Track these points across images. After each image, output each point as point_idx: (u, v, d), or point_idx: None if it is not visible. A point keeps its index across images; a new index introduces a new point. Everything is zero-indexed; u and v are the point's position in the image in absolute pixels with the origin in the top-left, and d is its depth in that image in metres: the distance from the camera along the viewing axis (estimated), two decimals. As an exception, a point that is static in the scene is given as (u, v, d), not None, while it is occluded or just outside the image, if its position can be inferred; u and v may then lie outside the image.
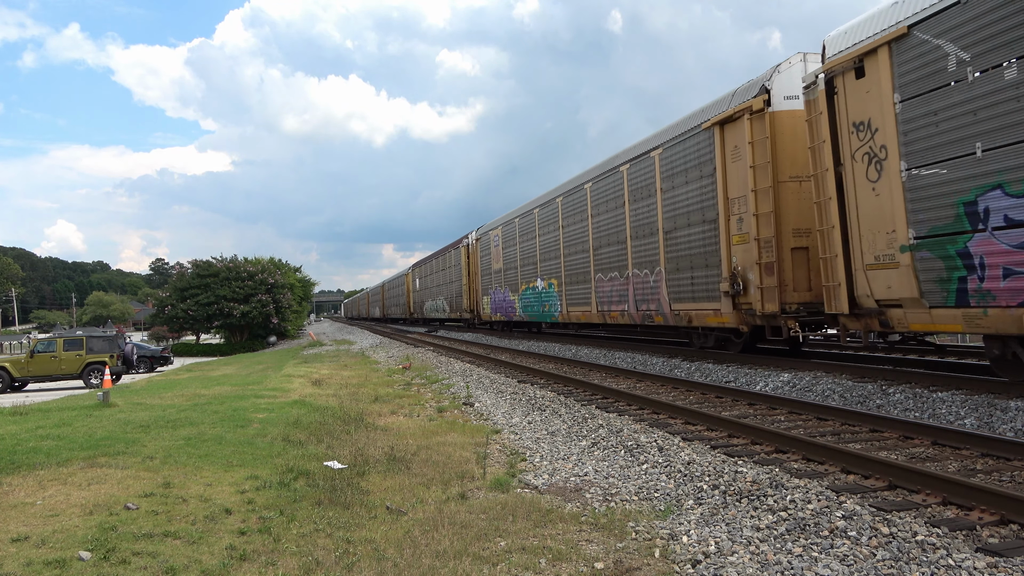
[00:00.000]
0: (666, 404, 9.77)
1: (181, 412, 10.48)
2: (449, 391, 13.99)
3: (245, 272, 53.73)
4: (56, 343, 25.55)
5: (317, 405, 11.81)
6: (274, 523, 5.54)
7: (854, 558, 4.32)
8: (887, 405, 9.11)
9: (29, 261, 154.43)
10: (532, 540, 5.09)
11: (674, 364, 14.94)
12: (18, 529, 5.18)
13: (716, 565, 4.43)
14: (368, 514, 6.00)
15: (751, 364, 13.63)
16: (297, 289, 61.73)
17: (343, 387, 15.36)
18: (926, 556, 4.26)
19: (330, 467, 7.45)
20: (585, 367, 16.00)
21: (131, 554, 4.74)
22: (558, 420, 9.69)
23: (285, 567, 4.74)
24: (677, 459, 6.94)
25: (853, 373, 11.20)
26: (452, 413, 11.27)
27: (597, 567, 4.56)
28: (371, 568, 4.74)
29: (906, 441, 7.36)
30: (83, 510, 5.63)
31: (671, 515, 5.47)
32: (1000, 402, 8.30)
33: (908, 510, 5.17)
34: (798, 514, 5.08)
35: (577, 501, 6.09)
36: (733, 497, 5.68)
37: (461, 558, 4.78)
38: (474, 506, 6.00)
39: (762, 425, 7.97)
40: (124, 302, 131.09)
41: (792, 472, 6.36)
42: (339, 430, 9.80)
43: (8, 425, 9.70)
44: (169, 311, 53.08)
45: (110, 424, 9.40)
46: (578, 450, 7.93)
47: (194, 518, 5.52)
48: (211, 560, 4.76)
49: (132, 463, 7.07)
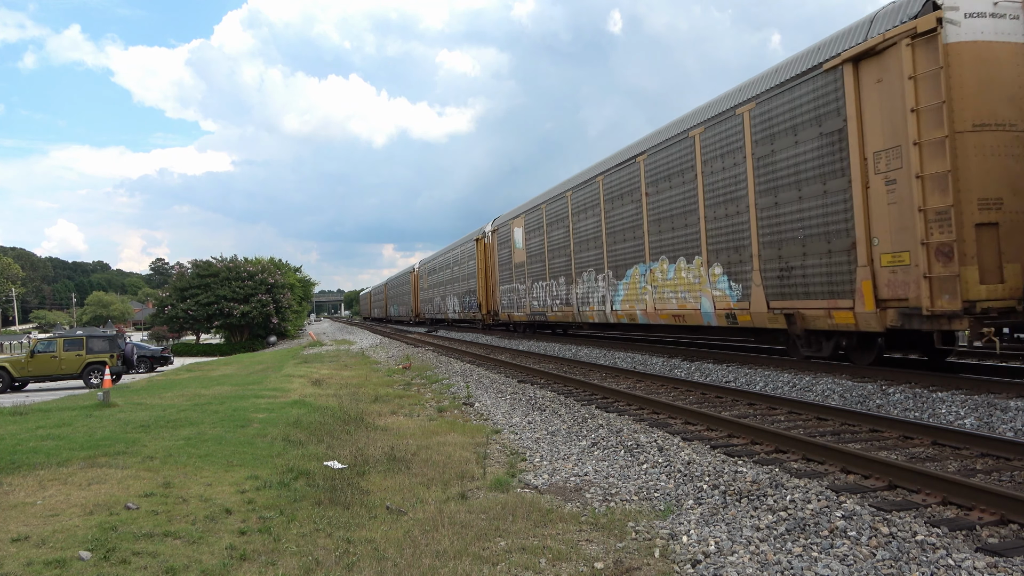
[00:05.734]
0: (666, 404, 9.77)
1: (181, 412, 10.48)
2: (449, 391, 13.99)
3: (245, 272, 53.78)
4: (56, 343, 25.54)
5: (317, 405, 11.80)
6: (274, 523, 5.54)
7: (854, 558, 4.32)
8: (887, 405, 9.11)
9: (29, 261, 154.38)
10: (532, 540, 5.10)
11: (674, 364, 14.94)
12: (18, 529, 5.19)
13: (716, 565, 4.43)
14: (368, 514, 6.00)
15: (751, 364, 13.63)
16: (297, 289, 61.78)
17: (343, 387, 15.36)
18: (926, 556, 4.26)
19: (330, 467, 7.46)
20: (585, 367, 16.00)
21: (131, 554, 4.74)
22: (558, 420, 9.69)
23: (285, 567, 4.74)
24: (677, 459, 6.94)
25: (853, 373, 11.19)
26: (452, 413, 11.27)
27: (597, 567, 4.57)
28: (371, 568, 4.74)
29: (906, 441, 7.36)
30: (83, 510, 5.63)
31: (671, 515, 5.47)
32: (1000, 402, 8.30)
33: (908, 510, 5.17)
34: (798, 514, 5.08)
35: (577, 501, 6.09)
36: (733, 497, 5.68)
37: (461, 558, 4.78)
38: (474, 506, 6.00)
39: (762, 425, 7.97)
40: (124, 302, 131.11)
41: (792, 472, 6.36)
42: (339, 430, 9.80)
43: (8, 425, 9.70)
44: (169, 311, 53.15)
45: (110, 424, 9.40)
46: (578, 450, 7.93)
47: (194, 518, 5.52)
48: (211, 560, 4.76)
49: (132, 463, 7.07)
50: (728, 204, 13.44)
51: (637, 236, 17.18)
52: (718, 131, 13.70)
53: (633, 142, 17.96)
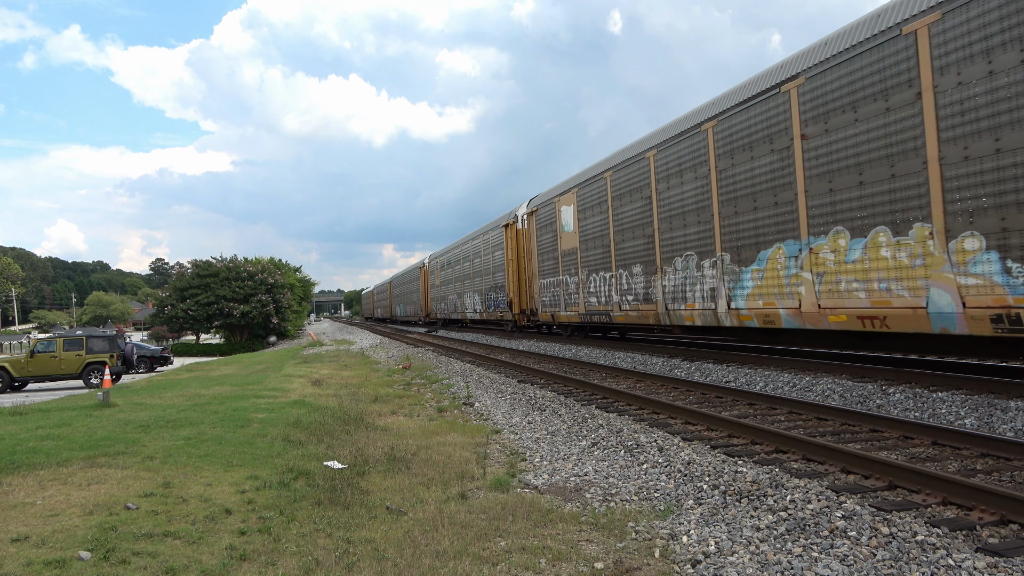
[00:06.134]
0: (666, 404, 9.77)
1: (181, 412, 10.48)
2: (449, 391, 13.99)
3: (245, 272, 53.82)
4: (56, 343, 25.55)
5: (317, 405, 11.80)
6: (274, 523, 5.54)
7: (854, 558, 4.32)
8: (887, 405, 9.11)
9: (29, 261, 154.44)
10: (532, 540, 5.09)
11: (674, 364, 14.94)
12: (18, 529, 5.18)
13: (716, 565, 4.43)
14: (368, 514, 6.00)
15: (751, 364, 13.62)
16: (297, 289, 61.80)
17: (343, 387, 15.36)
18: (926, 556, 4.26)
19: (330, 467, 7.45)
20: (585, 367, 16.00)
21: (131, 554, 4.74)
22: (558, 420, 9.69)
23: (285, 567, 4.74)
24: (677, 459, 6.94)
25: (853, 373, 11.19)
26: (452, 413, 11.27)
27: (597, 567, 4.56)
28: (371, 568, 4.74)
29: (906, 441, 7.36)
30: (83, 510, 5.63)
31: (671, 515, 5.47)
32: (1000, 402, 8.31)
33: (908, 510, 5.16)
34: (798, 514, 5.08)
35: (577, 501, 6.09)
36: (733, 497, 5.68)
37: (461, 558, 4.78)
38: (474, 506, 6.00)
39: (762, 425, 7.97)
40: (124, 302, 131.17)
41: (792, 472, 6.36)
42: (339, 430, 9.80)
43: (8, 425, 9.70)
44: (169, 311, 53.18)
45: (110, 424, 9.40)
46: (578, 450, 7.93)
47: (194, 518, 5.52)
48: (211, 560, 4.76)
49: (132, 463, 7.07)
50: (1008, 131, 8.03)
51: (783, 201, 11.74)
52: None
53: (776, 63, 12.41)
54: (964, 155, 8.59)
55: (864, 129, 10.00)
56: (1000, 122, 8.11)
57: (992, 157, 8.25)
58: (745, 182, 12.75)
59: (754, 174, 12.49)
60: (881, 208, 9.82)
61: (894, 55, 9.52)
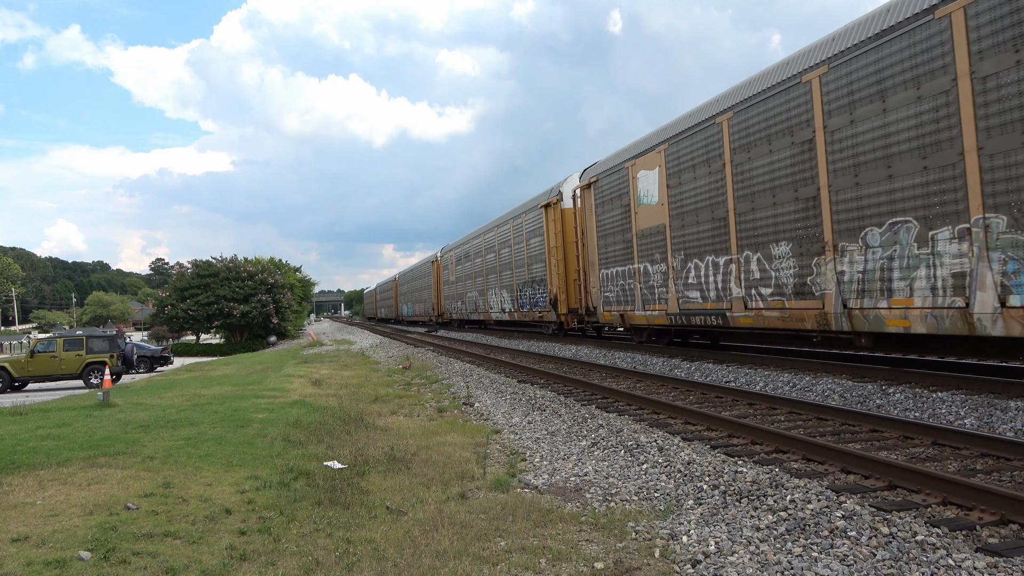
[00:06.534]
0: (666, 404, 9.77)
1: (181, 412, 10.48)
2: (449, 391, 13.99)
3: (245, 272, 53.82)
4: (56, 343, 25.55)
5: (317, 405, 11.80)
6: (274, 523, 5.54)
7: (854, 558, 4.32)
8: (887, 405, 9.11)
9: (29, 261, 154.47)
10: (532, 540, 5.09)
11: (674, 364, 14.94)
12: (18, 529, 5.18)
13: (716, 565, 4.43)
14: (368, 514, 6.00)
15: (751, 364, 13.62)
16: (297, 289, 61.77)
17: (343, 387, 15.36)
18: (926, 556, 4.26)
19: (330, 467, 7.45)
20: (585, 367, 16.00)
21: (131, 554, 4.74)
22: (558, 420, 9.69)
23: (285, 567, 4.74)
24: (677, 459, 6.94)
25: (853, 373, 11.19)
26: (452, 413, 11.27)
27: (597, 567, 4.56)
28: (371, 568, 4.74)
29: (906, 441, 7.36)
30: (83, 510, 5.63)
31: (671, 515, 5.47)
32: (1000, 402, 8.31)
33: (908, 510, 5.17)
34: (798, 514, 5.08)
35: (577, 501, 6.09)
36: (733, 497, 5.68)
37: (461, 558, 4.78)
38: (474, 506, 6.00)
39: (762, 425, 7.97)
40: (124, 302, 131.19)
41: (792, 472, 6.36)
42: (339, 430, 9.80)
43: (8, 425, 9.71)
44: (169, 311, 53.18)
45: (110, 424, 9.40)
46: (578, 450, 7.93)
47: (194, 518, 5.52)
48: (211, 560, 4.76)
49: (132, 463, 7.07)
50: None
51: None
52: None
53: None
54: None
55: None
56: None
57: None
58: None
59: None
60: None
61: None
